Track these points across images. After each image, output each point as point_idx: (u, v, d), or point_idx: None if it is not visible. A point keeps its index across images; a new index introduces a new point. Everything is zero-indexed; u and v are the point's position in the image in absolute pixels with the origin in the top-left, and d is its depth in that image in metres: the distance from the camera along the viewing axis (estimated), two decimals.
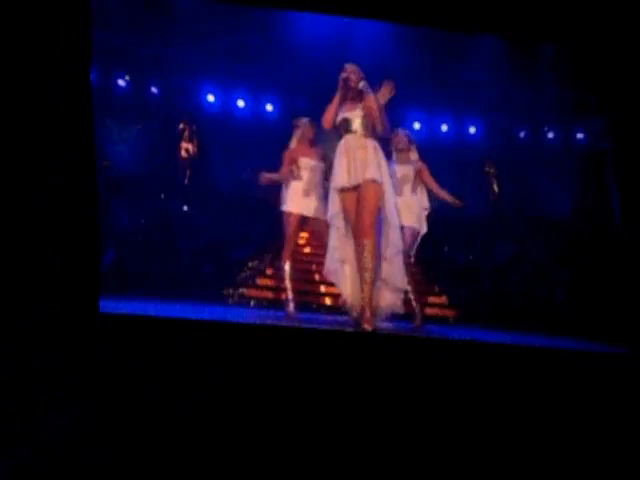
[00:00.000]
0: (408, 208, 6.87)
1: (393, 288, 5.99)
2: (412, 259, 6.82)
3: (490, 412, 4.62)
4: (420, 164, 7.00)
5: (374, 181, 5.76)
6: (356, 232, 5.73)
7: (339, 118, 5.92)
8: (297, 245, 7.42)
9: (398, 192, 6.53)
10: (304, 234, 8.33)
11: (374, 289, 5.79)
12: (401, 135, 7.06)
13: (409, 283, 6.74)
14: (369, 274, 5.69)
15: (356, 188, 5.77)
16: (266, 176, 6.90)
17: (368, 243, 5.67)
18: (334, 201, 5.88)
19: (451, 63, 11.00)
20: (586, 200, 10.55)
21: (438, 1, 5.60)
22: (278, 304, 8.23)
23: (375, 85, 5.97)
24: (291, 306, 6.90)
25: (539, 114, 11.87)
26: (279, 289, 8.47)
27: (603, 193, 9.17)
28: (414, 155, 7.10)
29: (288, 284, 7.00)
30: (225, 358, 4.56)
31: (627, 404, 4.97)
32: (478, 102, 11.66)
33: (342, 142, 5.93)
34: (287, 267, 6.99)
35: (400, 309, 6.02)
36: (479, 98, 11.50)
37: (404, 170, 6.89)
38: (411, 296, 7.08)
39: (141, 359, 4.43)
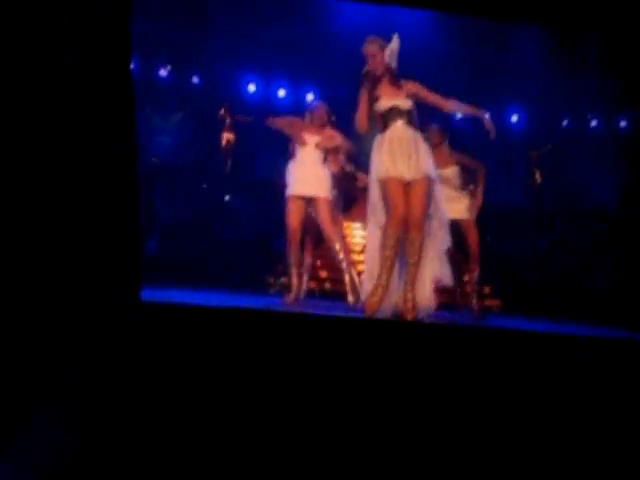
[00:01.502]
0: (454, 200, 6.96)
1: (439, 287, 5.94)
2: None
3: (536, 402, 4.59)
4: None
5: (429, 177, 5.68)
6: (405, 225, 5.64)
7: (385, 106, 5.79)
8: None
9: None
10: None
11: (415, 287, 5.74)
12: (434, 130, 7.06)
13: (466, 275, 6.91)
14: (413, 268, 5.64)
15: (407, 181, 5.67)
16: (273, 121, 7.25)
17: (417, 237, 5.61)
18: (375, 190, 5.79)
19: (492, 52, 10.94)
20: (630, 188, 10.45)
21: None
22: (318, 293, 8.26)
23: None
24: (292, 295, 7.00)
25: (582, 102, 11.77)
26: (319, 278, 8.48)
27: None
28: (447, 148, 7.14)
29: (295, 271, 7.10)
30: (267, 346, 4.56)
31: None
32: (520, 90, 11.58)
33: (391, 131, 5.78)
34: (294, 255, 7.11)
35: (433, 309, 5.96)
36: (521, 86, 11.43)
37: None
38: (468, 288, 7.20)
39: (183, 348, 4.44)
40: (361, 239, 8.43)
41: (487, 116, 6.02)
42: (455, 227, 6.75)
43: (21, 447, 3.56)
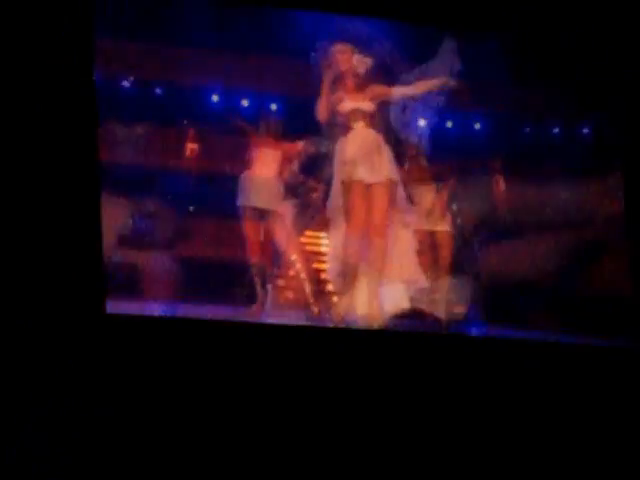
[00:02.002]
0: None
1: (411, 288, 5.93)
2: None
3: (508, 408, 4.59)
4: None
5: (391, 180, 5.69)
6: (367, 230, 5.64)
7: (348, 108, 5.80)
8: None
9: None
10: None
11: (383, 290, 5.72)
12: (408, 142, 7.09)
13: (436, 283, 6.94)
14: (377, 274, 5.63)
15: (368, 185, 5.66)
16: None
17: (379, 242, 5.61)
18: (337, 194, 5.78)
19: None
20: (593, 196, 10.50)
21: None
22: (284, 303, 8.25)
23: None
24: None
25: (544, 109, 11.83)
26: (285, 288, 8.46)
27: (611, 188, 9.16)
28: (423, 160, 7.15)
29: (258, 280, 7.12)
30: (232, 357, 4.55)
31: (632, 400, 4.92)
32: (483, 98, 11.60)
33: (353, 134, 5.79)
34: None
35: (407, 311, 5.95)
36: (483, 94, 11.46)
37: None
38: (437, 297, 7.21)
39: (149, 360, 4.42)
40: (325, 247, 8.43)
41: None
42: (432, 238, 6.78)
43: None
